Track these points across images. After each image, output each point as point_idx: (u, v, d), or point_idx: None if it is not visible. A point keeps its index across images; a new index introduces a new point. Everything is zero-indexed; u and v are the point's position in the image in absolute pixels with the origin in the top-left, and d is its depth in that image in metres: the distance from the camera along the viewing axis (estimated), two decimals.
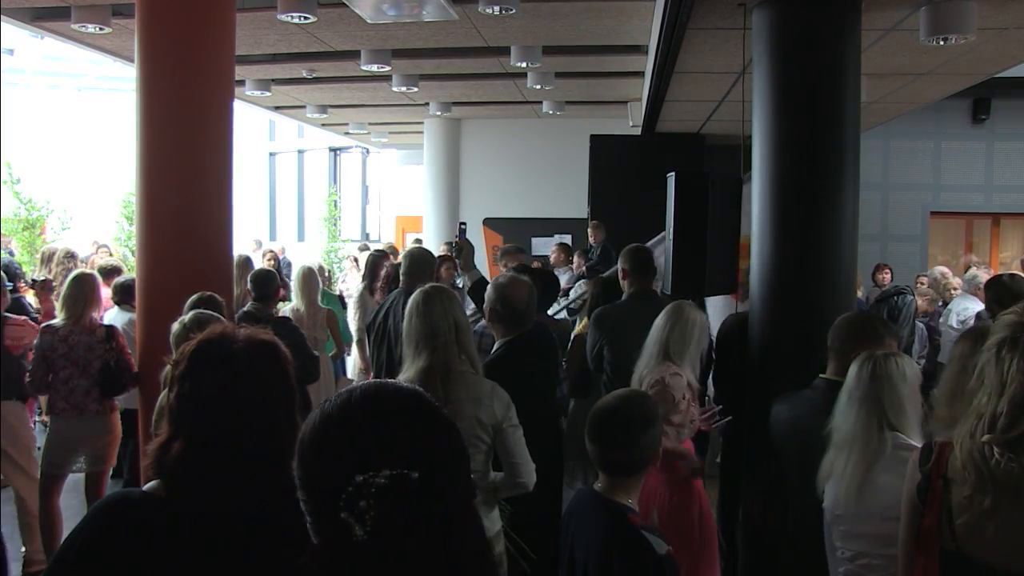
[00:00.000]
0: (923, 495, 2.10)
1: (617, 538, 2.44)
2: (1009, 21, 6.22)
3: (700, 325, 4.17)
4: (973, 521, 1.97)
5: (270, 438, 1.69)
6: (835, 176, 5.08)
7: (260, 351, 1.74)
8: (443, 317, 3.43)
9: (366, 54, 8.84)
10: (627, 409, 2.61)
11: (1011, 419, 1.92)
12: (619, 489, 2.57)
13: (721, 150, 11.28)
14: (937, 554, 2.06)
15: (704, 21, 5.98)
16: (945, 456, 2.08)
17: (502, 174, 13.92)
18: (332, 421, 1.28)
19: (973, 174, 12.90)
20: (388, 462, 1.21)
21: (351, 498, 1.19)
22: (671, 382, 3.99)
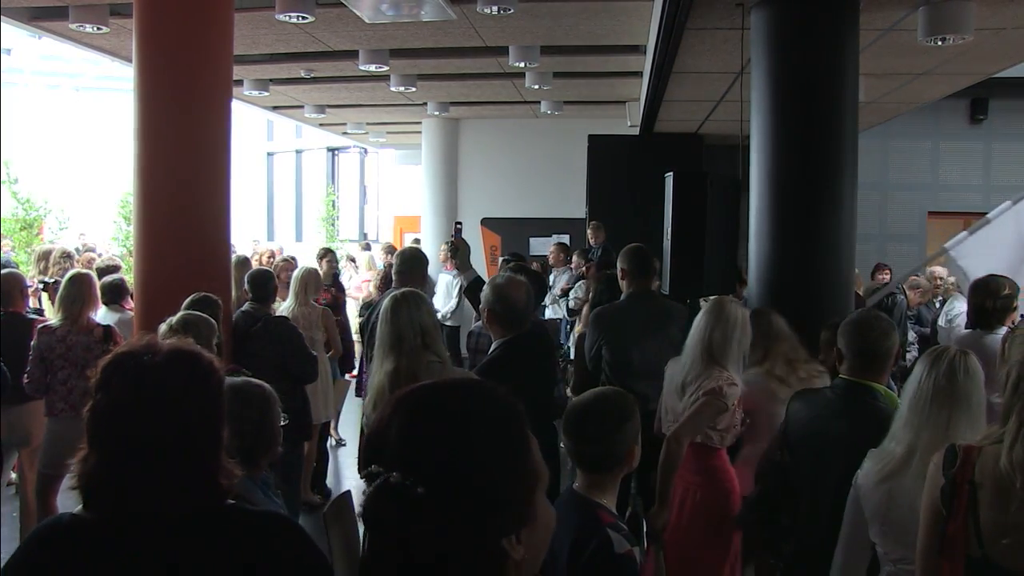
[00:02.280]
0: (948, 500, 2.08)
1: (585, 533, 2.45)
2: (1007, 21, 6.23)
3: (743, 322, 4.01)
4: (1007, 528, 1.96)
5: (185, 450, 1.67)
6: (833, 176, 5.08)
7: (176, 362, 1.72)
8: (409, 323, 3.63)
9: (364, 54, 8.83)
10: (602, 406, 2.63)
11: None
12: (595, 487, 2.59)
13: (719, 150, 11.28)
14: (963, 560, 2.04)
15: (702, 21, 5.98)
16: (972, 460, 2.06)
17: (500, 174, 13.90)
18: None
19: (971, 174, 12.91)
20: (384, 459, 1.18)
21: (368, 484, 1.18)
22: (728, 392, 3.87)
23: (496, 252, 13.42)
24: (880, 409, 3.08)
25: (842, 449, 3.06)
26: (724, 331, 3.95)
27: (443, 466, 1.15)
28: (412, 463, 1.15)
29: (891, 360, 3.22)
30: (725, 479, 4.02)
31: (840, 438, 3.08)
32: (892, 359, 3.22)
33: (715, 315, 4.01)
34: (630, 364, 4.69)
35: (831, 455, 3.10)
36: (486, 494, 1.16)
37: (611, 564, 2.37)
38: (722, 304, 4.08)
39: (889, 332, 3.20)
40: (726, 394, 3.86)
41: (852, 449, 3.01)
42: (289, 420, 2.76)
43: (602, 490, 2.58)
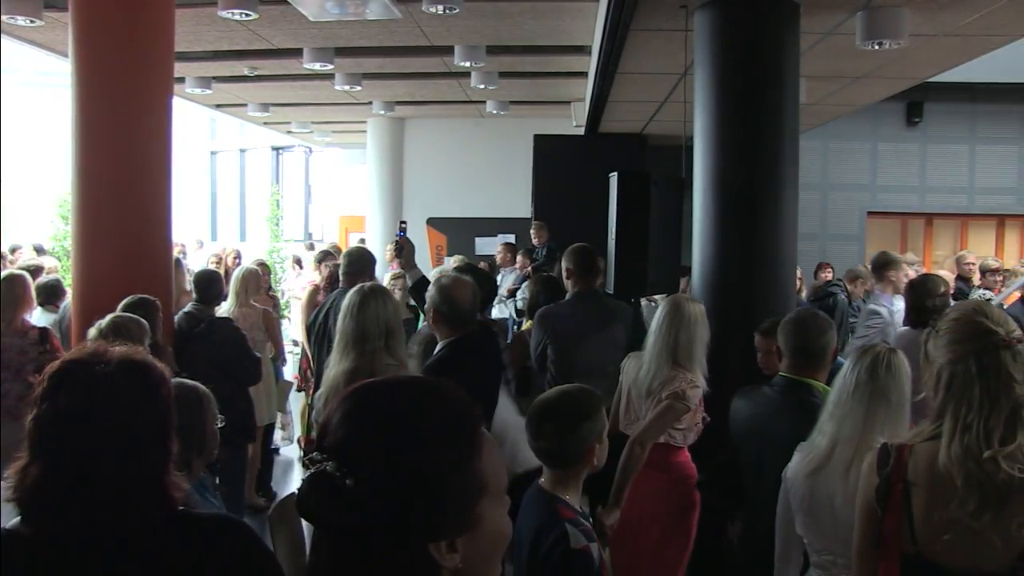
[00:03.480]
0: (882, 499, 2.10)
1: (544, 527, 2.47)
2: (939, 28, 6.38)
3: (702, 320, 4.05)
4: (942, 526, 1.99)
5: (134, 463, 1.63)
6: (775, 176, 5.16)
7: (127, 372, 1.67)
8: (375, 321, 3.54)
9: (309, 52, 8.75)
10: (565, 403, 2.64)
11: (1007, 433, 1.97)
12: (558, 482, 2.60)
13: (664, 150, 11.37)
14: (898, 558, 2.07)
15: (646, 22, 6.03)
16: (904, 459, 2.09)
17: (446, 173, 13.88)
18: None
19: (908, 175, 13.21)
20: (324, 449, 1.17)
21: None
22: (690, 394, 3.92)
23: (442, 252, 13.40)
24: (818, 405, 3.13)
25: (782, 445, 3.10)
26: (686, 332, 4.00)
27: (376, 460, 1.13)
28: (347, 454, 1.14)
29: (828, 357, 3.27)
30: (686, 476, 4.09)
31: (780, 434, 3.13)
32: (829, 356, 3.28)
33: (674, 315, 4.04)
34: (575, 363, 4.71)
35: (771, 451, 3.15)
36: (418, 494, 1.13)
37: (566, 558, 2.38)
38: (679, 304, 4.11)
39: (825, 330, 3.26)
40: (688, 396, 3.91)
41: (792, 445, 3.06)
42: (228, 422, 2.72)
43: (565, 486, 2.59)
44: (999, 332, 2.03)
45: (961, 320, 2.09)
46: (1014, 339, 2.04)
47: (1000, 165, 13.16)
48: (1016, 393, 2.00)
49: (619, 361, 4.79)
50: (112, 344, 1.75)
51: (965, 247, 12.65)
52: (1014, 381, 2.00)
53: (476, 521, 1.17)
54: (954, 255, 10.27)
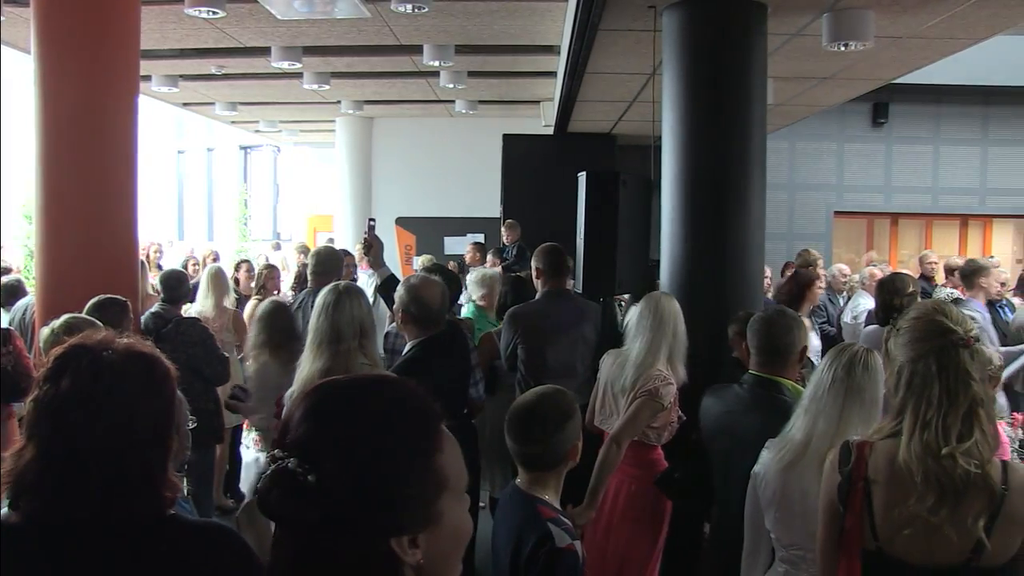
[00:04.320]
0: (844, 496, 2.14)
1: (525, 529, 2.47)
2: (903, 31, 6.46)
3: (678, 316, 4.08)
4: (901, 522, 2.03)
5: (131, 456, 1.59)
6: (742, 176, 5.19)
7: (134, 362, 1.64)
8: (350, 321, 3.53)
9: (276, 51, 8.69)
10: (545, 406, 2.64)
11: (965, 430, 2.01)
12: (537, 483, 2.60)
13: (633, 150, 11.41)
14: (859, 554, 2.11)
15: (615, 22, 6.05)
16: (865, 456, 2.13)
17: (415, 173, 13.85)
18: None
19: (873, 175, 13.36)
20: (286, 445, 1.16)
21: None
22: (664, 392, 3.93)
23: (411, 251, 13.36)
24: (787, 403, 3.16)
25: (751, 442, 3.13)
26: (664, 329, 4.02)
27: (338, 456, 1.13)
28: (308, 450, 1.14)
29: (796, 355, 3.30)
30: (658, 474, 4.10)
31: (749, 432, 3.15)
32: (798, 354, 3.30)
33: (652, 313, 4.06)
34: (545, 363, 4.72)
35: (741, 448, 3.17)
36: (379, 490, 1.13)
37: (552, 558, 2.38)
38: (658, 301, 4.13)
39: (793, 328, 3.29)
40: (662, 394, 3.92)
41: (761, 442, 3.09)
42: (199, 423, 2.70)
43: (544, 486, 2.60)
44: (958, 331, 2.07)
45: (922, 319, 2.13)
46: (972, 338, 2.08)
47: (963, 166, 13.35)
48: (973, 391, 2.04)
49: (589, 360, 4.81)
50: None
51: (929, 247, 12.83)
52: (971, 379, 2.05)
53: (437, 517, 1.18)
54: (919, 254, 10.41)
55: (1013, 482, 2.01)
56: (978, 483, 1.98)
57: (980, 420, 2.04)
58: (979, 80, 12.15)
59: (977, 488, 1.98)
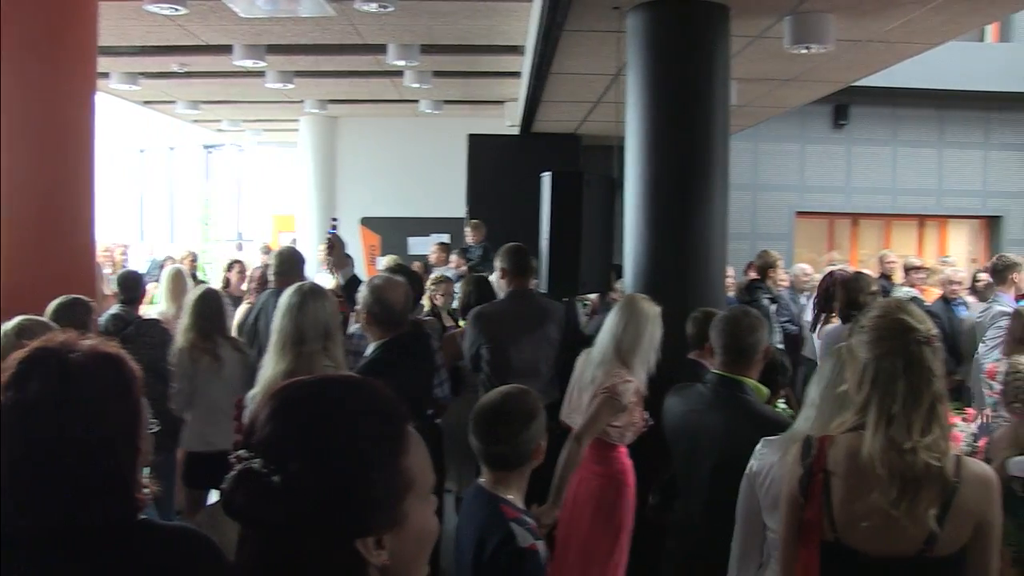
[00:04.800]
0: (805, 489, 2.17)
1: (488, 528, 2.48)
2: (863, 34, 6.55)
3: (653, 320, 4.13)
4: (861, 513, 2.07)
5: (102, 459, 1.56)
6: (705, 176, 5.23)
7: (102, 364, 1.61)
8: (314, 322, 3.49)
9: (239, 49, 8.60)
10: (509, 406, 2.64)
11: (926, 425, 2.06)
12: (501, 483, 2.60)
13: (597, 150, 11.46)
14: (817, 545, 2.14)
15: (580, 23, 6.07)
16: (825, 450, 2.16)
17: (379, 173, 13.77)
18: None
19: (834, 176, 13.51)
20: (252, 446, 1.16)
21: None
22: (621, 389, 3.98)
23: (375, 252, 13.29)
24: (750, 402, 3.20)
25: (714, 441, 3.16)
26: (633, 330, 4.07)
27: (303, 457, 1.13)
28: (273, 451, 1.13)
29: (760, 354, 3.33)
30: (620, 472, 4.15)
31: (712, 431, 3.18)
32: (760, 353, 3.33)
33: (627, 313, 4.13)
34: (509, 363, 4.72)
35: (704, 447, 3.20)
36: (345, 491, 1.13)
37: (514, 558, 2.39)
38: (634, 302, 4.19)
39: (756, 327, 3.32)
40: (620, 392, 3.96)
41: (724, 441, 3.12)
42: (162, 426, 2.67)
43: (507, 486, 2.60)
44: (920, 329, 2.12)
45: (885, 318, 2.17)
46: (932, 336, 2.12)
47: (920, 167, 13.56)
48: (935, 387, 2.10)
49: (553, 360, 4.83)
50: None
51: (888, 246, 13.00)
52: (933, 375, 2.10)
53: (403, 518, 1.18)
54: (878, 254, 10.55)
55: (965, 475, 2.07)
56: (933, 476, 2.03)
57: (940, 415, 2.09)
58: (935, 84, 12.35)
59: (932, 480, 2.03)
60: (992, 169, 13.68)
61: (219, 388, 4.83)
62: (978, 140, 13.60)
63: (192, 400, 4.85)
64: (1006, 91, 12.93)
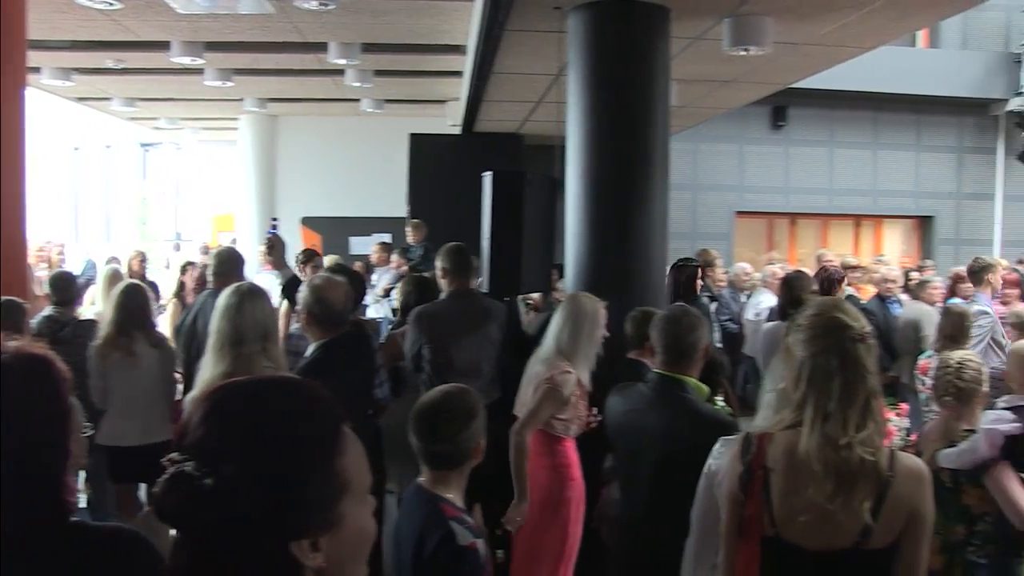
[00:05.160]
0: (745, 485, 2.20)
1: (427, 527, 2.48)
2: (800, 37, 6.67)
3: (592, 315, 4.19)
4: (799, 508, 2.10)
5: (32, 462, 1.54)
6: (645, 176, 5.27)
7: (31, 366, 1.59)
8: (252, 324, 3.46)
9: (177, 45, 8.44)
10: (449, 404, 2.65)
11: (861, 421, 2.10)
12: (440, 482, 2.60)
13: (539, 150, 11.50)
14: (758, 540, 2.18)
15: (521, 23, 6.08)
16: (764, 447, 2.20)
17: (321, 172, 13.64)
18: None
19: (773, 176, 13.73)
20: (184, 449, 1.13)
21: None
22: (560, 380, 4.03)
23: None
24: (690, 401, 3.23)
25: (656, 440, 3.18)
26: (575, 324, 4.14)
27: (236, 458, 1.11)
28: (206, 453, 1.11)
29: (699, 353, 3.35)
30: (565, 464, 4.17)
31: (653, 430, 3.20)
32: (701, 352, 3.36)
33: (568, 309, 4.21)
34: (451, 363, 4.71)
35: (645, 445, 3.22)
36: (279, 494, 1.12)
37: (454, 556, 2.39)
38: (575, 299, 4.28)
39: (696, 326, 3.35)
40: (559, 383, 4.02)
41: (665, 440, 3.14)
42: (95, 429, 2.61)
43: (447, 485, 2.60)
44: (855, 327, 2.15)
45: (821, 316, 2.20)
46: (866, 334, 2.16)
47: (855, 168, 13.85)
48: (869, 383, 2.14)
49: (494, 360, 4.83)
50: None
51: (826, 246, 13.23)
52: (868, 372, 2.14)
53: (339, 520, 1.16)
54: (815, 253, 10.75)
55: (898, 469, 2.11)
56: (868, 470, 2.07)
57: (874, 411, 2.13)
58: (869, 87, 12.63)
59: (867, 475, 2.07)
60: (924, 170, 14.04)
61: (133, 384, 4.81)
62: (910, 142, 13.94)
63: (107, 396, 4.82)
64: (936, 95, 13.29)
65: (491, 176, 5.41)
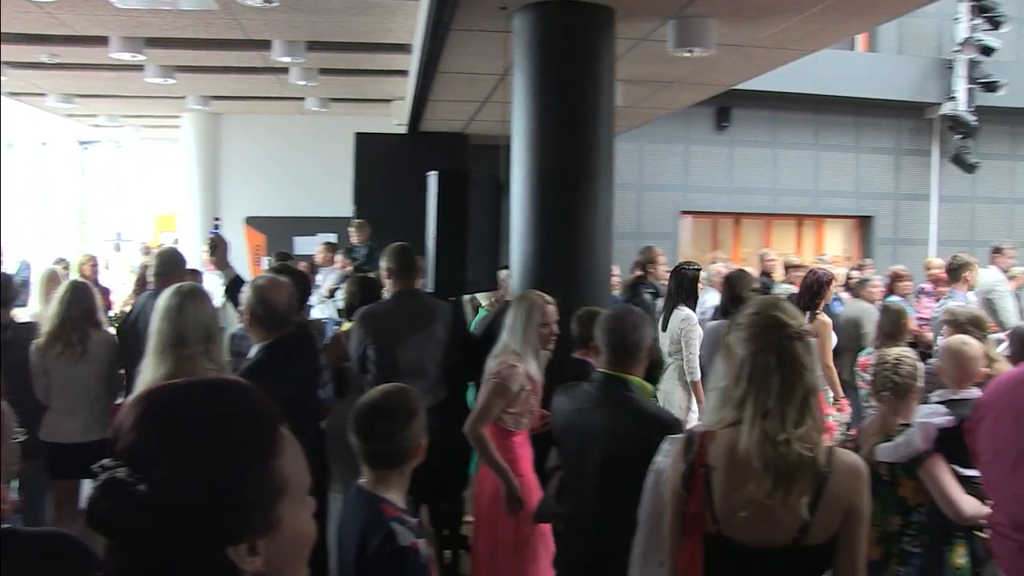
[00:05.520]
0: (687, 483, 2.22)
1: (368, 528, 2.48)
2: (744, 39, 6.75)
3: (539, 309, 4.22)
4: (739, 505, 2.13)
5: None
6: (590, 176, 5.30)
7: None
8: (194, 325, 3.41)
9: (116, 41, 8.26)
10: (389, 403, 2.65)
11: (799, 418, 2.13)
12: (381, 482, 2.60)
13: (485, 150, 11.51)
14: (701, 537, 2.20)
15: (467, 22, 6.07)
16: (706, 446, 2.22)
17: (265, 172, 13.48)
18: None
19: (717, 177, 13.88)
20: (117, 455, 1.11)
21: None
22: (506, 374, 4.07)
23: (260, 252, 13.02)
24: (635, 400, 3.25)
25: (601, 439, 3.20)
26: (523, 320, 4.18)
27: (170, 463, 1.09)
28: (140, 458, 1.09)
29: (643, 352, 3.38)
30: (513, 460, 4.18)
31: (598, 428, 3.22)
32: (645, 351, 3.39)
33: (515, 305, 4.29)
34: (396, 363, 4.69)
35: (591, 444, 3.23)
36: (214, 497, 1.10)
37: (395, 557, 2.39)
38: (524, 295, 4.34)
39: (639, 326, 3.38)
40: (506, 377, 4.05)
41: (610, 438, 3.16)
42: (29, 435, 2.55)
43: (388, 485, 2.59)
44: (792, 325, 2.19)
45: (760, 315, 2.23)
46: (804, 332, 2.20)
47: (798, 169, 14.06)
48: (807, 380, 2.17)
49: (440, 360, 4.82)
50: None
51: (769, 245, 13.42)
52: (805, 369, 2.17)
53: (277, 523, 1.15)
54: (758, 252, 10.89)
55: (835, 465, 2.15)
56: (806, 466, 2.10)
57: (812, 408, 2.16)
58: (811, 89, 12.85)
59: (805, 471, 2.10)
60: (863, 172, 14.31)
61: (76, 380, 4.78)
62: (850, 143, 14.20)
63: (49, 393, 4.79)
64: (874, 98, 13.57)
65: (436, 176, 5.40)
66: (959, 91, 13.27)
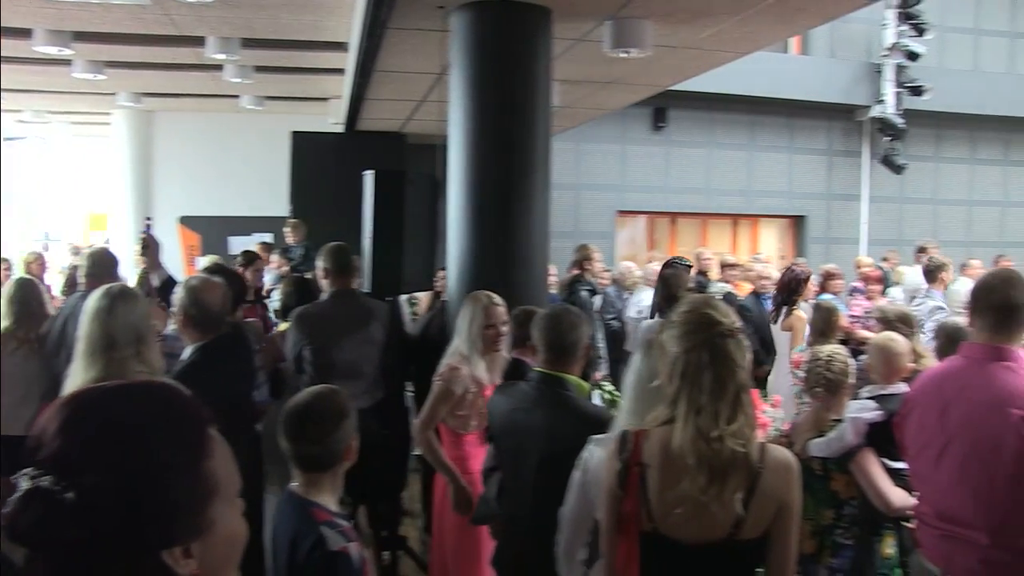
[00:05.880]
0: (622, 482, 2.24)
1: (299, 532, 2.46)
2: (679, 41, 6.83)
3: (482, 309, 4.21)
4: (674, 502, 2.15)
5: None
6: (527, 176, 5.31)
7: None
8: (124, 327, 3.32)
9: (41, 34, 8.03)
10: (319, 405, 2.63)
11: (732, 414, 2.16)
12: (312, 485, 2.58)
13: (422, 149, 11.48)
14: (637, 535, 2.22)
15: (404, 21, 6.04)
16: (640, 444, 2.24)
17: (199, 170, 13.25)
18: None
19: (654, 177, 14.02)
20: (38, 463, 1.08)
21: None
22: (449, 376, 4.09)
23: (195, 252, 12.81)
24: (572, 398, 3.27)
25: (539, 439, 3.21)
26: (465, 321, 4.21)
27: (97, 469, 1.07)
28: (65, 466, 1.06)
29: (581, 351, 3.40)
30: (461, 458, 4.20)
31: (536, 427, 3.23)
32: (582, 350, 3.41)
33: (462, 307, 4.30)
34: (332, 364, 4.66)
35: (529, 443, 3.24)
36: (145, 501, 1.08)
37: (324, 561, 2.37)
38: (470, 297, 4.34)
39: (577, 325, 3.40)
40: (449, 378, 4.09)
41: (547, 436, 3.18)
42: None
43: (319, 488, 2.57)
44: (724, 323, 2.22)
45: (692, 313, 2.26)
46: (736, 329, 2.23)
47: (733, 169, 14.28)
48: (739, 377, 2.20)
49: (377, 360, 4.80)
50: None
51: (705, 244, 13.60)
52: (737, 366, 2.21)
53: (209, 524, 1.14)
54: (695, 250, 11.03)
55: (768, 461, 2.19)
56: (739, 462, 2.14)
57: (744, 404, 2.20)
58: (746, 91, 13.07)
59: (738, 466, 2.14)
60: (796, 172, 14.58)
61: (28, 374, 4.73)
62: (784, 144, 14.46)
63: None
64: (806, 100, 13.84)
65: (373, 175, 5.38)
66: (887, 94, 13.64)
